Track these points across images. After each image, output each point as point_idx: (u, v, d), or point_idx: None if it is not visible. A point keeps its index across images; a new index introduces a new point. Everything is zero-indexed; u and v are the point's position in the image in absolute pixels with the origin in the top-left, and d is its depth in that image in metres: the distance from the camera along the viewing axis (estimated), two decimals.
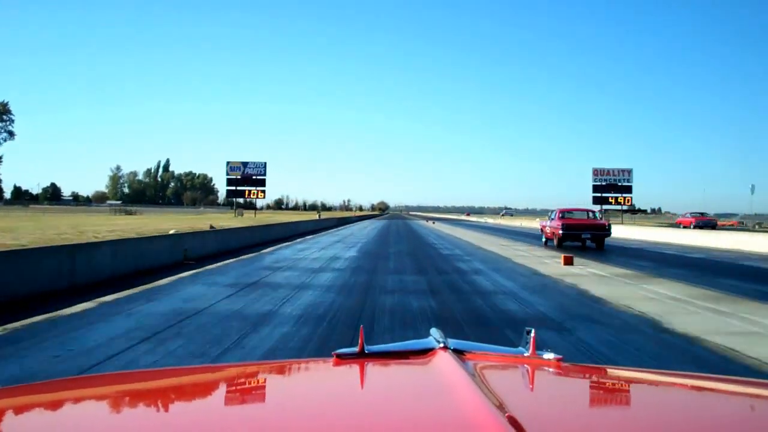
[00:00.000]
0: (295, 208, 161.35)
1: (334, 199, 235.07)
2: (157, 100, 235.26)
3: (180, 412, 0.79)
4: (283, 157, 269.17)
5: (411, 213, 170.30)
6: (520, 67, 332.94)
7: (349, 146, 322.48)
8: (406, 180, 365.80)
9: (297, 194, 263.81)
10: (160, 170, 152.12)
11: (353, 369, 0.92)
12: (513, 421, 0.59)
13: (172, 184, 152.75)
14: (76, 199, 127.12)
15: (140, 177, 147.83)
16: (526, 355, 0.94)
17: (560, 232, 14.83)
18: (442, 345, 0.91)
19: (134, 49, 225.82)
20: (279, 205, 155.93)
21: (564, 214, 15.96)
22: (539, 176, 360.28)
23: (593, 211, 18.31)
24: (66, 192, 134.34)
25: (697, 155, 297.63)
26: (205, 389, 0.93)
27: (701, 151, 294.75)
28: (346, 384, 0.91)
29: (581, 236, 14.72)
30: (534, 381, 0.89)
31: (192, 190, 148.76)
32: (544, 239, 17.03)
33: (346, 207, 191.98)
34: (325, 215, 58.20)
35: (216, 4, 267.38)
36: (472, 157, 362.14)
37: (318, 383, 0.94)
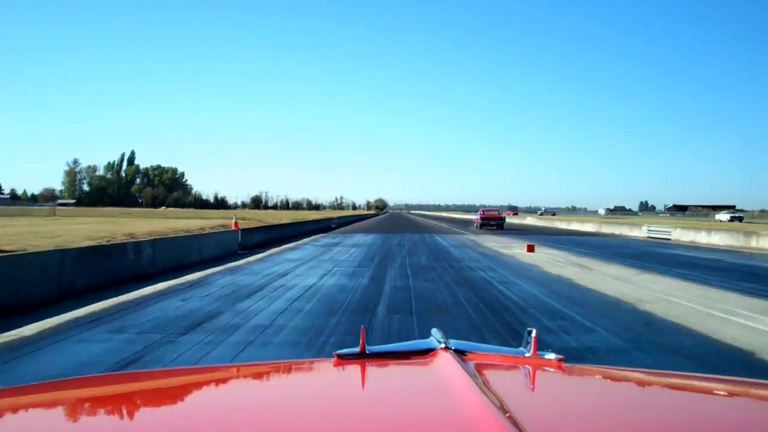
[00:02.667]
0: (275, 207, 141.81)
1: (327, 196, 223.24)
2: (122, 85, 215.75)
3: (181, 413, 0.79)
4: (271, 153, 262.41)
5: (412, 212, 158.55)
6: (525, 64, 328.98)
7: (345, 142, 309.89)
8: (405, 178, 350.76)
9: (287, 192, 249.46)
10: (124, 164, 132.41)
11: (354, 369, 0.93)
12: (514, 422, 0.59)
13: (138, 180, 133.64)
14: (16, 198, 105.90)
15: (101, 172, 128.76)
16: (527, 355, 0.95)
17: (480, 221, 30.55)
18: (443, 345, 0.92)
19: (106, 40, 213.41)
20: (257, 203, 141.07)
21: (483, 211, 32.66)
22: (540, 174, 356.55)
23: (497, 209, 36.71)
24: (6, 189, 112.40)
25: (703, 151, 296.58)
26: (206, 389, 0.93)
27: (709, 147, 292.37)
28: (347, 384, 0.91)
29: (490, 223, 29.42)
30: (535, 381, 0.91)
31: (160, 187, 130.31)
32: (475, 225, 31.82)
33: (338, 205, 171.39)
34: (303, 216, 45.89)
35: None
36: (474, 154, 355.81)
37: (319, 383, 0.95)
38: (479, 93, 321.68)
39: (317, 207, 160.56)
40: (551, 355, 0.94)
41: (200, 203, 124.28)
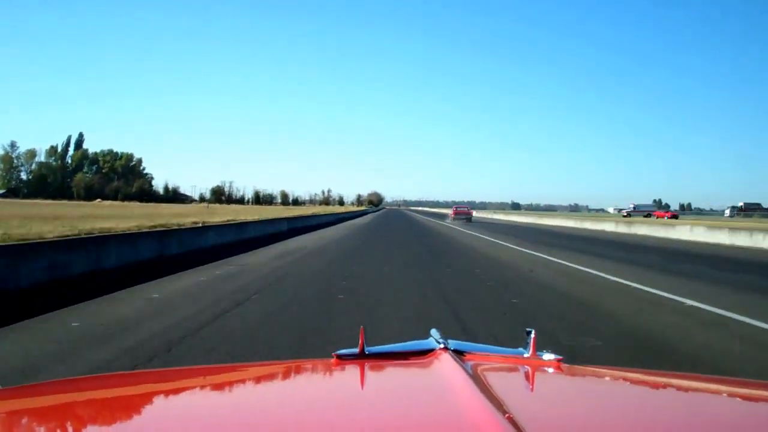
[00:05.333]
0: (240, 201, 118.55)
1: (314, 189, 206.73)
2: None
3: (180, 413, 0.78)
4: (258, 144, 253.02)
5: (411, 208, 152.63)
6: (527, 60, 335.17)
7: (343, 137, 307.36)
8: (404, 173, 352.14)
9: (262, 184, 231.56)
10: (70, 148, 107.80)
11: (353, 370, 0.93)
12: (513, 422, 0.60)
13: (86, 167, 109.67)
14: None
15: (42, 157, 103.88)
16: (526, 356, 0.97)
17: (452, 214, 39.09)
18: (442, 346, 0.93)
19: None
20: (218, 196, 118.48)
21: (456, 207, 42.84)
22: (542, 172, 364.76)
23: (467, 206, 49.72)
24: None
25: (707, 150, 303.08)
26: (205, 390, 0.93)
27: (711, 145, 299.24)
28: (347, 385, 0.92)
29: (460, 217, 37.47)
30: (534, 382, 0.92)
31: (111, 176, 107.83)
32: (449, 219, 38.76)
33: (325, 200, 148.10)
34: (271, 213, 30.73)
35: None
36: (475, 151, 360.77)
37: (318, 384, 0.95)
38: (482, 90, 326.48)
39: (296, 202, 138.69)
40: (550, 356, 0.96)
41: (147, 195, 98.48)
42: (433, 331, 1.02)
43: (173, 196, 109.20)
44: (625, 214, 59.08)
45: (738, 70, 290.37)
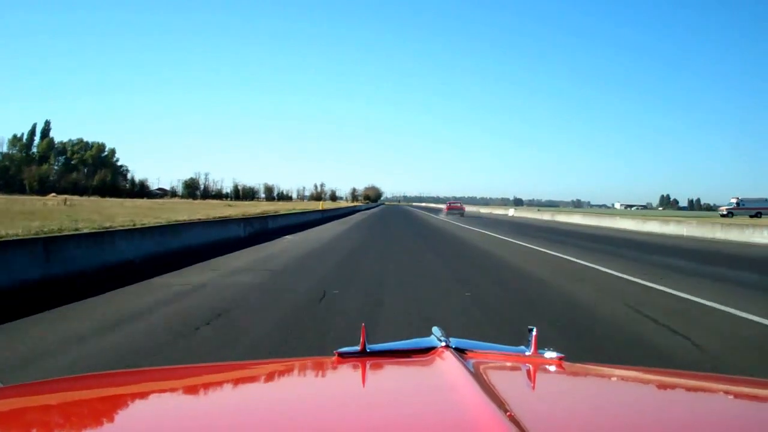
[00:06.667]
0: (217, 196, 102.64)
1: (306, 183, 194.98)
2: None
3: (181, 411, 0.78)
4: (245, 136, 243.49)
5: (414, 204, 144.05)
6: (530, 55, 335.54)
7: (341, 132, 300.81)
8: (405, 168, 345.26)
9: (244, 178, 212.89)
10: (36, 137, 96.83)
11: (355, 368, 0.93)
12: (514, 420, 0.61)
13: (53, 158, 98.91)
14: None
15: (4, 147, 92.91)
16: (527, 354, 0.97)
17: (446, 210, 41.58)
18: (443, 344, 0.93)
19: None
20: (191, 189, 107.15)
21: (450, 203, 46.57)
22: (543, 167, 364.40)
23: (459, 201, 52.44)
24: None
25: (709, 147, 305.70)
26: (206, 388, 0.92)
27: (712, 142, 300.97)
28: (348, 383, 0.92)
29: (455, 212, 39.58)
30: (535, 380, 0.92)
31: (81, 167, 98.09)
32: (443, 213, 40.95)
33: (317, 196, 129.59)
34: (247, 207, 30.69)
35: None
36: (476, 146, 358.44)
37: (320, 382, 0.95)
38: (485, 85, 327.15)
39: (282, 197, 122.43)
40: (552, 354, 0.96)
41: (111, 189, 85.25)
42: (435, 329, 1.02)
43: (140, 190, 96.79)
44: (726, 212, 42.11)
45: (740, 64, 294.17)
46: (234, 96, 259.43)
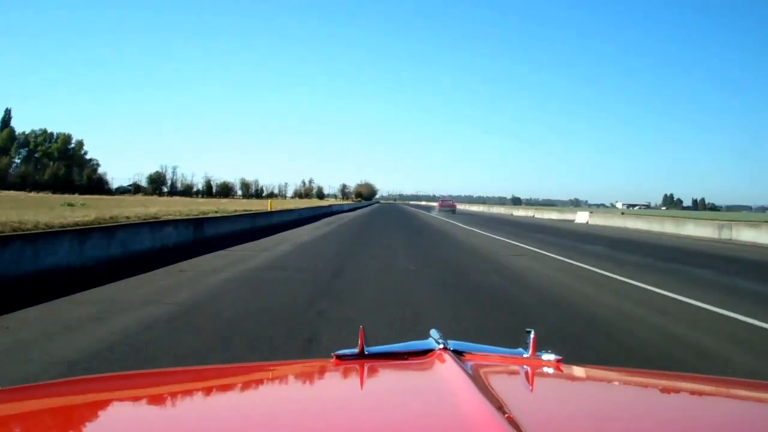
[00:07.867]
0: (186, 192, 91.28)
1: (293, 179, 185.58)
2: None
3: (179, 414, 0.80)
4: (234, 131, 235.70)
5: (411, 202, 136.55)
6: (528, 53, 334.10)
7: (338, 129, 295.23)
8: (402, 166, 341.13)
9: (217, 173, 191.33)
10: None
11: (353, 370, 0.94)
12: (513, 423, 0.61)
13: (14, 150, 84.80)
14: None
15: None
16: (525, 356, 0.98)
17: (438, 207, 46.73)
18: (441, 346, 0.94)
19: None
20: (156, 184, 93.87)
21: (441, 200, 52.19)
22: (541, 166, 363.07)
23: (451, 199, 58.28)
24: None
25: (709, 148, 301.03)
26: (204, 391, 0.93)
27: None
28: (346, 385, 0.93)
29: (446, 209, 43.04)
30: (534, 382, 0.92)
31: (46, 160, 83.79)
32: (435, 210, 44.47)
33: (305, 193, 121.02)
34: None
35: None
36: (473, 145, 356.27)
37: (318, 384, 0.97)
38: (482, 84, 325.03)
39: (258, 194, 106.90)
40: (550, 356, 0.96)
41: (61, 184, 68.85)
42: (433, 332, 1.03)
43: (97, 185, 77.47)
44: None
45: (742, 64, 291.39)
46: (225, 92, 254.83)
